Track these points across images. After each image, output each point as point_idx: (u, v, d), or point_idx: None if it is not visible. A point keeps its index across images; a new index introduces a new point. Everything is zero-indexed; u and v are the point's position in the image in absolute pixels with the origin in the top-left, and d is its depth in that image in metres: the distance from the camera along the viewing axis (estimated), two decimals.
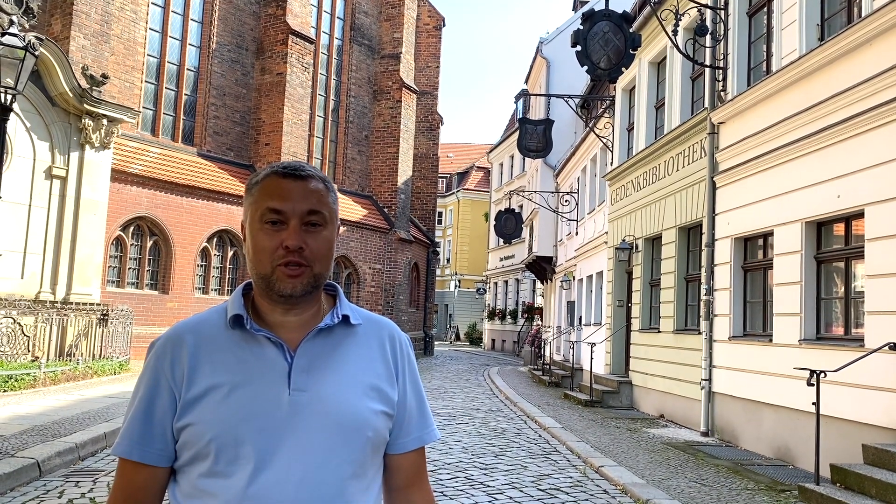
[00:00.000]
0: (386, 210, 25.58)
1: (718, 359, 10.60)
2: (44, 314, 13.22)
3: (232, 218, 19.36)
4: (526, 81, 32.06)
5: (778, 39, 9.39)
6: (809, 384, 6.89)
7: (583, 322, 20.08)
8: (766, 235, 9.63)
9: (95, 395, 11.19)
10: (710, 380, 10.71)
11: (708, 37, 10.87)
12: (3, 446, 7.14)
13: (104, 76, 14.83)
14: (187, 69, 20.08)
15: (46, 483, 6.40)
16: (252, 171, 20.99)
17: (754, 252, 10.25)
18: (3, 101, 7.49)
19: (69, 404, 10.21)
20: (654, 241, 13.86)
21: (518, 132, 21.24)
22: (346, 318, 1.45)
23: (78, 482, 6.48)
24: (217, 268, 19.54)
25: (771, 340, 9.11)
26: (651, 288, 14.00)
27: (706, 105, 11.28)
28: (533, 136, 20.43)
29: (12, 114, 7.84)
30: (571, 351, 19.80)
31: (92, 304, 14.40)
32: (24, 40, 7.78)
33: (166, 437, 1.38)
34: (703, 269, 11.17)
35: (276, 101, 21.06)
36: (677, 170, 12.56)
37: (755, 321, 10.06)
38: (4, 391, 10.55)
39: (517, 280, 38.68)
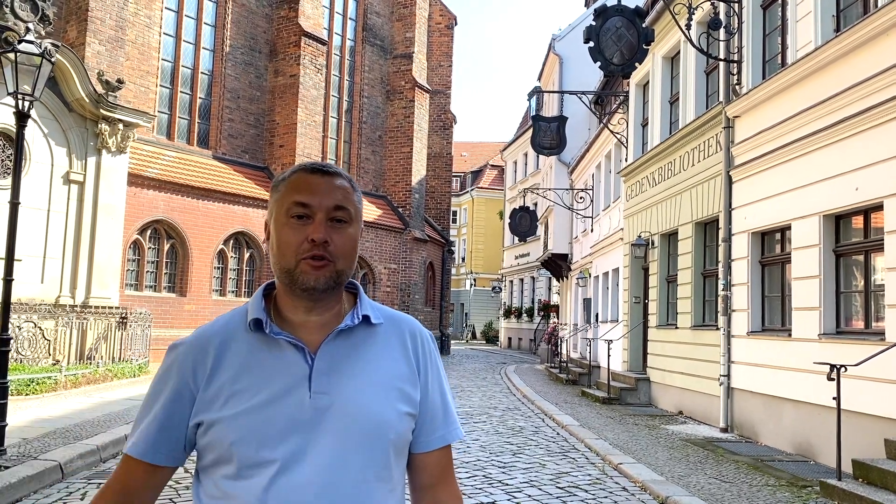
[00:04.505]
0: (400, 210, 25.61)
1: (737, 354, 10.53)
2: (64, 318, 13.36)
3: (248, 220, 19.46)
4: (539, 78, 31.97)
5: (793, 31, 9.30)
6: (830, 379, 6.82)
7: (599, 319, 20.00)
8: (784, 229, 9.55)
9: (115, 398, 11.29)
10: (728, 375, 10.64)
11: (722, 30, 10.79)
12: (26, 449, 7.23)
13: (119, 81, 14.96)
14: (201, 73, 20.20)
15: (69, 485, 6.47)
16: (267, 173, 21.10)
17: (772, 246, 10.16)
18: (20, 107, 7.56)
19: (90, 407, 10.32)
20: (671, 237, 13.78)
21: (531, 130, 21.19)
22: (366, 318, 1.44)
23: (100, 484, 6.53)
24: (234, 270, 19.65)
25: (790, 335, 9.03)
26: (668, 284, 13.92)
27: (721, 99, 11.20)
28: (546, 134, 20.38)
29: (30, 120, 7.91)
30: (588, 348, 19.73)
31: (111, 308, 14.53)
32: (40, 47, 7.85)
33: (182, 440, 1.39)
34: (720, 265, 11.09)
35: (290, 103, 21.14)
36: (693, 165, 12.48)
37: (774, 316, 9.98)
38: (26, 394, 10.67)
39: (533, 278, 38.60)
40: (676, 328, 12.93)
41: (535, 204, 31.58)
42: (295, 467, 1.32)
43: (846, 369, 6.85)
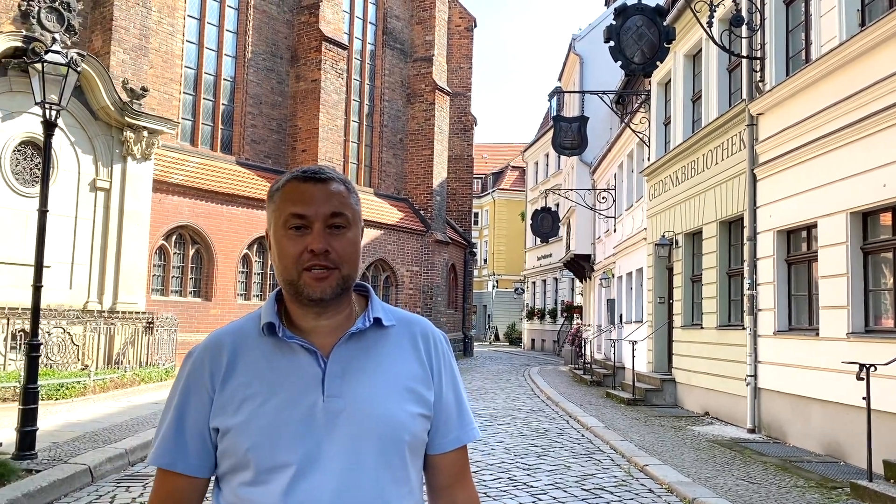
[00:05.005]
0: (422, 212, 25.66)
1: (763, 354, 10.41)
2: (92, 323, 13.55)
3: None
4: (559, 79, 31.88)
5: (817, 27, 9.19)
6: (859, 378, 6.72)
7: (623, 320, 19.88)
8: (810, 227, 9.43)
9: (143, 402, 11.43)
10: (755, 376, 10.52)
11: (744, 27, 10.69)
12: (56, 453, 7.34)
13: (144, 89, 15.15)
14: (224, 79, 20.40)
15: (98, 488, 6.56)
16: None
17: (798, 244, 10.04)
18: (48, 116, 7.69)
19: (118, 411, 10.45)
20: (695, 236, 13.67)
21: (552, 130, 21.15)
22: (377, 321, 1.44)
23: (129, 487, 6.62)
24: (258, 274, 19.81)
25: (818, 334, 8.91)
26: (692, 284, 13.80)
27: (744, 96, 11.09)
28: (568, 134, 20.31)
29: (57, 129, 8.04)
30: (612, 349, 19.61)
31: (137, 313, 14.71)
32: (66, 57, 7.98)
33: (205, 447, 1.39)
34: (745, 264, 10.98)
35: (312, 108, 21.28)
36: (716, 163, 12.38)
37: (801, 315, 9.85)
38: (56, 399, 10.84)
39: (555, 279, 38.46)
40: (702, 328, 12.81)
41: (557, 205, 31.48)
42: (311, 471, 1.32)
43: (875, 368, 6.75)
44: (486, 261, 51.20)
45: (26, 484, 6.04)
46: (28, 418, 7.01)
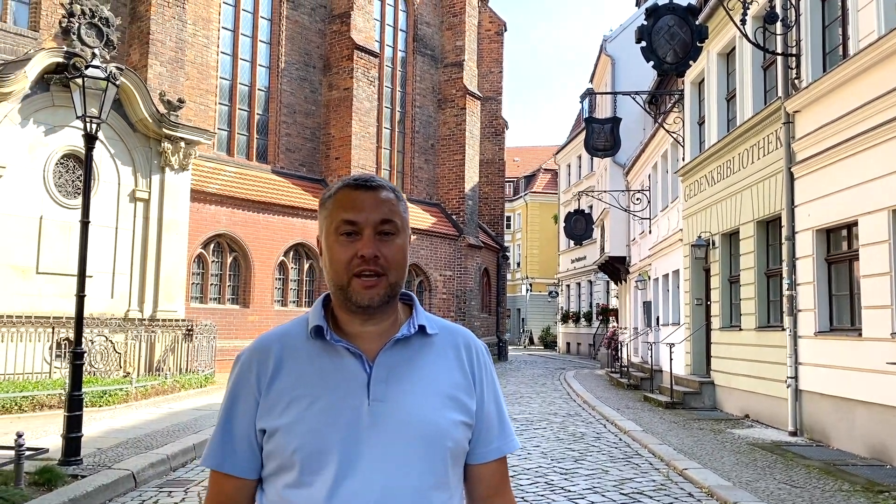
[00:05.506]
0: (454, 217, 25.70)
1: (804, 355, 10.22)
2: (133, 331, 13.83)
3: (307, 232, 19.81)
4: (591, 80, 31.68)
5: (854, 21, 9.02)
6: None
7: (660, 322, 19.66)
8: (850, 226, 9.24)
9: (183, 408, 11.62)
10: (796, 377, 10.33)
11: (778, 24, 10.53)
12: (100, 459, 7.50)
13: (180, 101, 15.44)
14: (258, 89, 20.70)
15: (142, 493, 6.69)
16: (324, 185, 21.45)
17: (838, 243, 9.85)
18: (89, 130, 7.88)
19: (159, 417, 10.64)
20: (732, 237, 13.48)
21: (585, 132, 21.01)
22: (422, 328, 1.46)
23: (170, 492, 6.74)
24: (294, 280, 20.03)
25: (860, 335, 8.73)
26: (730, 285, 13.61)
27: (780, 94, 10.92)
28: (600, 136, 20.16)
29: (98, 142, 8.23)
30: (650, 352, 19.40)
31: (177, 320, 14.97)
32: (105, 71, 8.17)
33: (252, 448, 1.42)
34: (784, 264, 10.80)
35: (345, 116, 21.49)
36: (752, 162, 12.20)
37: (842, 315, 9.66)
38: (100, 406, 11.07)
39: (590, 282, 38.17)
40: (740, 330, 12.62)
41: (591, 207, 31.26)
42: (355, 474, 1.34)
43: None
44: (519, 264, 51.03)
45: (73, 489, 6.19)
46: (73, 425, 7.17)
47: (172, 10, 17.33)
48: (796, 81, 10.47)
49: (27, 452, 6.30)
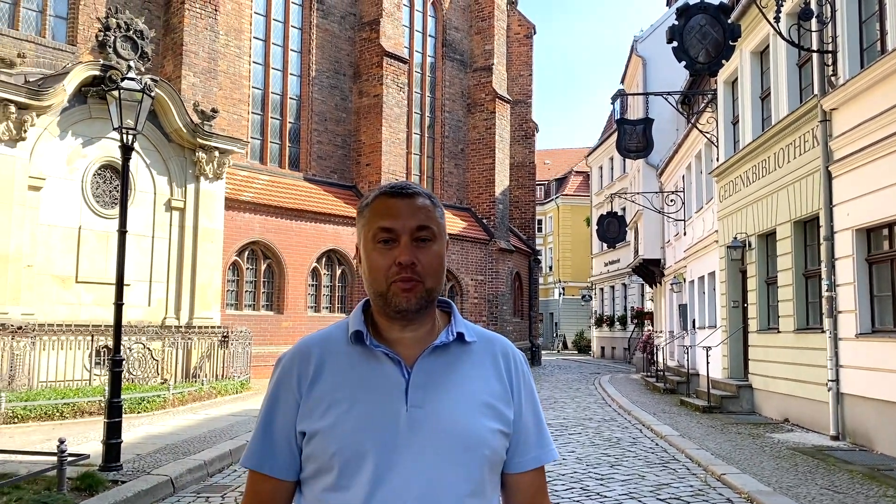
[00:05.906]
0: (485, 221, 25.67)
1: (845, 358, 9.99)
2: (170, 339, 14.04)
3: (339, 238, 19.95)
4: (622, 81, 31.44)
5: (892, 16, 8.83)
6: None
7: (696, 325, 19.40)
8: (891, 225, 9.03)
9: (220, 414, 11.75)
10: (837, 380, 10.11)
11: (813, 20, 10.34)
12: (140, 464, 7.62)
13: (214, 110, 15.67)
14: (290, 98, 20.93)
15: (180, 499, 6.77)
16: (355, 191, 21.59)
17: (879, 243, 9.62)
18: (125, 141, 8.03)
19: (196, 423, 10.77)
20: (769, 238, 13.26)
21: (616, 133, 20.84)
22: (460, 336, 1.46)
23: (208, 498, 6.81)
24: (327, 286, 20.18)
25: None
26: (768, 286, 13.38)
27: (816, 92, 10.72)
28: (632, 137, 19.97)
29: (134, 152, 8.38)
30: (686, 356, 19.15)
31: (213, 327, 15.16)
32: (140, 83, 8.32)
33: (291, 450, 1.43)
34: (822, 264, 10.58)
35: (375, 123, 21.62)
36: (788, 161, 11.99)
37: (885, 316, 9.42)
38: (138, 412, 11.26)
39: (624, 285, 37.83)
40: (778, 332, 12.39)
41: (624, 209, 30.98)
42: (392, 479, 1.34)
43: None
44: (551, 268, 50.77)
45: (113, 494, 6.29)
46: (113, 431, 7.29)
47: (205, 21, 17.60)
48: (832, 79, 10.27)
49: (69, 458, 6.41)
